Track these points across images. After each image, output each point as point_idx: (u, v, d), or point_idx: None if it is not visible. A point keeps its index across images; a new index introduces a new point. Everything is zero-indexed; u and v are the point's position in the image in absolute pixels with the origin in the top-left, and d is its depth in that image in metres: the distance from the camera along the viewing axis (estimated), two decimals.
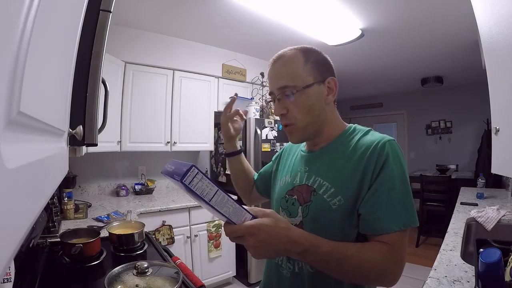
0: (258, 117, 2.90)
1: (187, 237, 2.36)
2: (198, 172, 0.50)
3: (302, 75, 0.69)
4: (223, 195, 0.52)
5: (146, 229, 1.41)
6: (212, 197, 0.52)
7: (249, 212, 0.56)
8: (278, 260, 0.75)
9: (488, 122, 3.97)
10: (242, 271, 2.74)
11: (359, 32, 2.59)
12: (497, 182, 3.23)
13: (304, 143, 0.82)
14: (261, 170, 1.02)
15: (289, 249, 0.56)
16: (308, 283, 0.68)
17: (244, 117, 0.95)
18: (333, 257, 0.58)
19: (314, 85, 0.69)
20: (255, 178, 1.02)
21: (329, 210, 0.66)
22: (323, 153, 0.74)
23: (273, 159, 0.98)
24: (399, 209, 0.61)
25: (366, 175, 0.63)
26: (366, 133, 0.73)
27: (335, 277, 0.62)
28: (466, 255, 1.27)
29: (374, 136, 0.70)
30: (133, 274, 0.88)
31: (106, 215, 1.87)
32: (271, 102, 0.76)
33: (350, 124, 0.78)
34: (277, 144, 2.86)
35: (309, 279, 0.68)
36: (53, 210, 1.53)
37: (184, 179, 0.49)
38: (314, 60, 0.71)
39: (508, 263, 0.89)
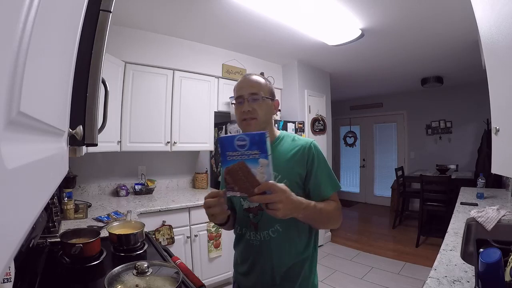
0: None
1: (187, 237, 2.36)
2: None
3: (265, 90, 1.02)
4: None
5: (146, 229, 1.41)
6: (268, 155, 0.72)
7: None
8: (249, 235, 1.02)
9: (488, 122, 3.97)
10: None
11: (359, 32, 2.59)
12: (497, 182, 3.23)
13: None
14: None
15: (299, 206, 0.81)
16: (273, 245, 0.99)
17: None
18: (317, 209, 0.89)
19: (269, 99, 1.03)
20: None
21: None
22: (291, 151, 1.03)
23: None
24: (330, 180, 1.00)
25: (302, 165, 0.98)
26: (294, 138, 1.06)
27: (316, 225, 0.99)
28: (466, 255, 1.27)
29: (301, 140, 1.04)
30: (133, 274, 0.88)
31: (106, 215, 1.87)
32: (233, 104, 1.05)
33: (281, 132, 1.10)
34: None
35: (273, 243, 0.99)
36: (53, 210, 1.52)
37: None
38: (268, 87, 1.05)
39: (508, 263, 0.89)
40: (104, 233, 1.39)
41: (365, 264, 3.20)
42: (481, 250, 0.96)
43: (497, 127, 0.85)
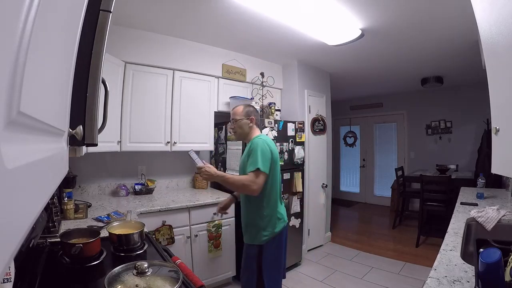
0: (259, 117, 2.90)
1: (187, 237, 2.36)
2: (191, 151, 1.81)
3: (240, 115, 1.80)
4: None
5: (146, 229, 1.41)
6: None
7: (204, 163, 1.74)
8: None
9: (488, 122, 3.97)
10: None
11: (359, 32, 2.59)
12: (497, 182, 3.23)
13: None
14: None
15: (213, 175, 1.67)
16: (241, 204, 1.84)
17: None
18: (226, 179, 1.65)
19: (244, 119, 1.79)
20: None
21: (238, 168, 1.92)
22: (245, 149, 1.80)
23: None
24: (252, 163, 1.61)
25: (247, 156, 1.70)
26: (252, 141, 1.74)
27: (233, 189, 1.86)
28: (466, 255, 1.27)
29: (254, 139, 1.75)
30: (133, 274, 0.88)
31: (106, 215, 1.87)
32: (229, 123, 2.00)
33: (254, 138, 1.76)
34: (277, 144, 2.86)
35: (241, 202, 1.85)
36: (53, 210, 1.52)
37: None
38: (246, 111, 1.81)
39: (508, 263, 0.89)
40: (104, 233, 1.39)
41: (365, 264, 3.20)
42: (481, 250, 0.97)
43: (497, 127, 0.85)
